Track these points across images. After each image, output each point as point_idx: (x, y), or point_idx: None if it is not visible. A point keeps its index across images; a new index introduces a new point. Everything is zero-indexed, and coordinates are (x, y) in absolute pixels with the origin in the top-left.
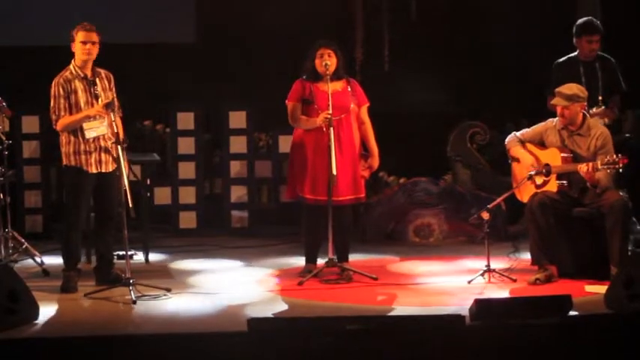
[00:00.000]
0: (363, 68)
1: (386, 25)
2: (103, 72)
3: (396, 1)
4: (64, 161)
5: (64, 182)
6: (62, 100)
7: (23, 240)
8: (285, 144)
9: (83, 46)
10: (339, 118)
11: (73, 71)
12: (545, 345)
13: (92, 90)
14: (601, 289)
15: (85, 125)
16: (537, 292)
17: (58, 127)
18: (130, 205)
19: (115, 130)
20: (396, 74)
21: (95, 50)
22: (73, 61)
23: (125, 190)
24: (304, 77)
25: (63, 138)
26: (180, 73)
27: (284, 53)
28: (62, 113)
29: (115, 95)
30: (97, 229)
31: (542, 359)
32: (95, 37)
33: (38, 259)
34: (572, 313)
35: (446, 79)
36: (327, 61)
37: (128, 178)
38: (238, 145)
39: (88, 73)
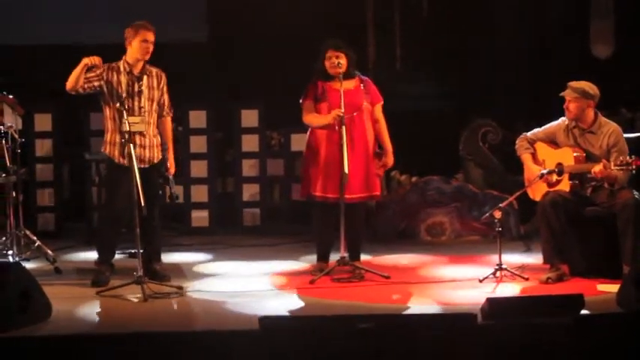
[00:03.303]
0: (375, 67)
1: (398, 23)
2: (154, 71)
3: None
4: (102, 148)
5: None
6: (88, 71)
7: (35, 238)
8: (297, 142)
9: (144, 44)
10: (350, 116)
11: (121, 66)
12: (556, 344)
13: (137, 86)
14: (613, 288)
15: (124, 118)
16: (549, 291)
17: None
18: (143, 204)
19: (127, 129)
20: (408, 73)
21: (151, 49)
22: (124, 57)
23: (138, 188)
24: (317, 77)
25: (105, 124)
26: (192, 72)
27: (296, 51)
28: (74, 72)
29: (163, 94)
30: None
31: (553, 358)
32: (154, 37)
33: (50, 258)
34: (583, 312)
35: (457, 77)
36: (339, 60)
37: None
38: (250, 143)
39: (136, 70)
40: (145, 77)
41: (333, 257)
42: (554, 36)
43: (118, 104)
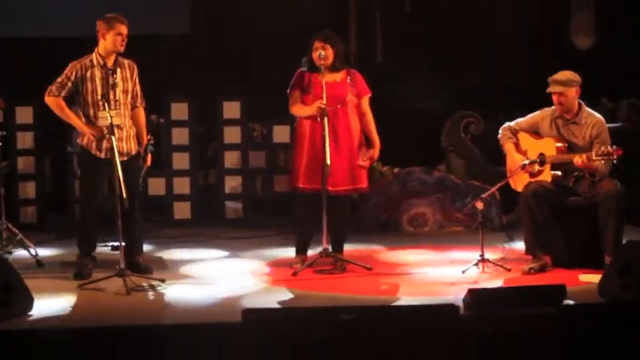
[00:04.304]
0: (356, 61)
1: (379, 19)
2: (126, 62)
3: None
4: (79, 139)
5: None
6: (68, 82)
7: (17, 231)
8: (279, 134)
9: (119, 37)
10: (334, 109)
11: (94, 60)
12: (539, 334)
13: (110, 79)
14: (595, 278)
15: (100, 114)
16: (531, 282)
17: (49, 100)
18: (125, 196)
19: (110, 122)
20: (389, 66)
21: (125, 42)
22: (96, 49)
23: (119, 180)
24: (305, 68)
25: (80, 118)
26: (174, 64)
27: (278, 44)
28: (59, 92)
29: (136, 85)
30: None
31: (536, 348)
32: (127, 30)
33: (32, 251)
34: (566, 302)
35: (439, 70)
36: (322, 51)
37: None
38: (232, 135)
39: (109, 62)
40: (119, 70)
41: (316, 250)
42: (536, 26)
43: (99, 97)
